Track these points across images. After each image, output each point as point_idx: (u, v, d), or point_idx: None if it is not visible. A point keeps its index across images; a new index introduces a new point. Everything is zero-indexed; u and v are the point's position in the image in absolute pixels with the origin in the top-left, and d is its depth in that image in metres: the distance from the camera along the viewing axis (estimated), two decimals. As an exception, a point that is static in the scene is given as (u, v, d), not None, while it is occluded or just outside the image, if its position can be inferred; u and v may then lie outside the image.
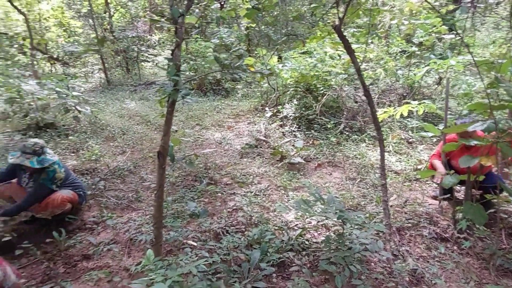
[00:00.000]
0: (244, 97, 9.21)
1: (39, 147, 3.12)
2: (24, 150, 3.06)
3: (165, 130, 2.58)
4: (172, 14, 2.40)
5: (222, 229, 3.37)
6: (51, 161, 3.16)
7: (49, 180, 3.15)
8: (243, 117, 7.66)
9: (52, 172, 3.15)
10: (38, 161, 3.07)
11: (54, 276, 2.72)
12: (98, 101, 8.45)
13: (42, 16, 11.92)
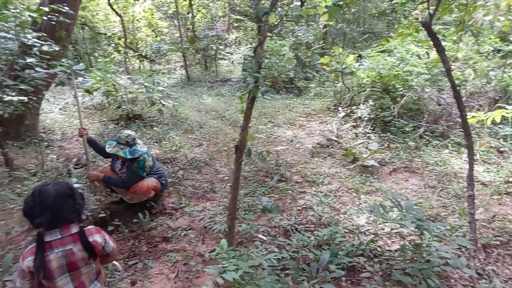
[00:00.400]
0: (316, 96, 9.09)
1: (132, 138, 3.43)
2: (119, 141, 3.40)
3: (244, 125, 2.66)
4: (257, 12, 2.47)
5: (291, 226, 3.39)
6: (141, 152, 3.46)
7: (141, 168, 3.48)
8: (315, 116, 7.57)
9: (142, 161, 3.48)
10: (130, 152, 3.39)
11: (139, 253, 3.01)
12: (179, 96, 9.04)
13: (135, 18, 13.13)
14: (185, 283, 2.67)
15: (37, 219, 1.50)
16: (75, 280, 1.57)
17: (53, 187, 1.55)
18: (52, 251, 1.50)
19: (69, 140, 5.77)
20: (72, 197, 1.58)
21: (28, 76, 3.33)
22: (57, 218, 1.53)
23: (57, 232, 1.52)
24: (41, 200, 1.50)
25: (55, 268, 1.51)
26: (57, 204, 1.52)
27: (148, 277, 2.72)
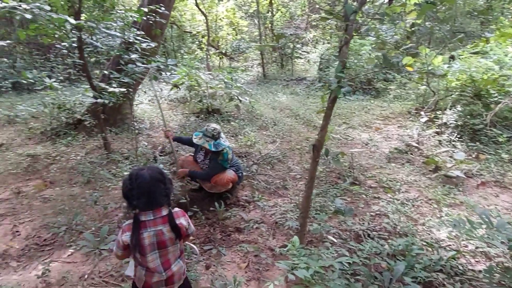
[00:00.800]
0: (396, 99, 8.60)
1: (217, 132, 3.62)
2: (205, 134, 3.62)
3: (323, 125, 2.64)
4: (345, 10, 2.42)
5: (364, 232, 3.28)
6: (224, 146, 3.64)
7: (225, 161, 3.68)
8: (393, 120, 7.17)
9: (226, 154, 3.67)
10: (215, 145, 3.59)
11: (213, 240, 3.18)
12: (255, 92, 9.28)
13: (218, 17, 13.78)
14: (255, 274, 2.76)
15: (135, 201, 1.68)
16: (162, 257, 1.73)
17: (147, 172, 1.71)
18: (145, 230, 1.68)
19: (156, 129, 6.31)
20: (163, 182, 1.73)
21: (130, 70, 3.74)
22: (151, 201, 1.69)
23: (150, 213, 1.70)
24: (138, 184, 1.67)
25: (147, 245, 1.68)
26: (152, 188, 1.68)
27: (221, 263, 2.86)
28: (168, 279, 1.76)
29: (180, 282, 1.83)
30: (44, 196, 3.91)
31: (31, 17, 3.29)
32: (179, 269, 1.80)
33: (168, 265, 1.75)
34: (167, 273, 1.75)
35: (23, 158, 4.87)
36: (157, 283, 1.74)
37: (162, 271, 1.73)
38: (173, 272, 1.77)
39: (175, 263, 1.79)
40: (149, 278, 1.73)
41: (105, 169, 4.42)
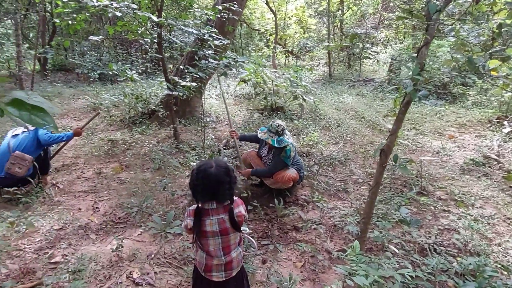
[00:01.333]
0: (475, 105, 7.89)
1: (281, 129, 3.66)
2: (270, 129, 3.68)
3: (393, 130, 2.54)
4: (428, 9, 2.29)
5: (430, 246, 3.08)
6: (288, 143, 3.67)
7: (287, 157, 3.72)
8: (470, 128, 6.60)
9: (288, 151, 3.70)
10: (278, 141, 3.64)
11: (271, 236, 3.23)
12: (320, 92, 9.15)
13: (287, 15, 13.80)
14: (311, 274, 2.75)
15: (199, 195, 1.78)
16: (224, 243, 1.81)
17: (214, 169, 1.76)
18: (208, 217, 1.77)
19: (221, 123, 6.55)
20: (228, 181, 1.79)
21: (204, 65, 3.94)
22: (215, 197, 1.78)
23: (214, 202, 1.78)
24: (203, 181, 1.75)
25: (209, 231, 1.77)
26: (216, 187, 1.76)
27: (277, 259, 2.90)
28: (227, 263, 1.84)
29: (238, 268, 1.90)
30: (120, 178, 4.30)
31: (120, 15, 3.62)
32: (237, 255, 1.87)
33: (229, 250, 1.83)
34: (227, 258, 1.82)
35: (105, 143, 5.39)
36: (217, 266, 1.83)
37: (221, 255, 1.81)
38: (232, 258, 1.84)
39: (234, 250, 1.86)
40: (210, 261, 1.82)
41: (173, 158, 4.71)
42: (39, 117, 0.85)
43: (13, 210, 3.32)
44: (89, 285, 2.48)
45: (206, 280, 1.86)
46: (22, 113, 0.84)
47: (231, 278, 1.87)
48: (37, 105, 0.86)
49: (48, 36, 12.04)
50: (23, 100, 0.86)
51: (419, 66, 2.35)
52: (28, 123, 0.84)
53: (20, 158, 3.63)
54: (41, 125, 0.85)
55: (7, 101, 0.87)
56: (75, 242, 3.02)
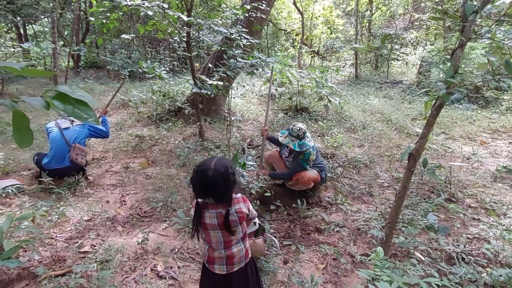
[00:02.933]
0: (509, 111, 7.56)
1: (302, 132, 3.64)
2: (291, 133, 3.66)
3: (423, 133, 2.47)
4: (465, 10, 2.22)
5: (458, 254, 2.98)
6: (309, 147, 3.66)
7: (305, 161, 3.70)
8: (504, 134, 6.32)
9: (307, 154, 3.68)
10: (299, 145, 3.62)
11: (293, 236, 3.22)
12: (345, 93, 9.02)
13: (314, 15, 13.68)
14: (333, 277, 2.72)
15: (196, 193, 1.79)
16: (224, 236, 1.83)
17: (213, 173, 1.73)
18: (207, 210, 1.80)
19: (246, 122, 6.59)
20: (225, 185, 1.76)
21: (232, 64, 3.97)
22: (211, 194, 1.78)
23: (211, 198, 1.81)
24: (201, 178, 1.75)
25: (208, 224, 1.80)
26: (212, 186, 1.75)
27: (299, 260, 2.89)
28: (227, 258, 1.85)
29: (241, 265, 1.90)
30: (146, 173, 4.41)
31: (152, 14, 3.71)
32: (239, 251, 1.87)
33: (229, 245, 1.84)
34: (227, 252, 1.84)
35: (132, 138, 5.55)
36: (219, 259, 1.85)
37: (221, 248, 1.83)
38: (233, 252, 1.85)
39: (236, 245, 1.87)
40: (211, 254, 1.86)
41: (198, 155, 4.79)
42: (81, 110, 0.90)
43: (46, 200, 3.48)
44: (116, 275, 2.57)
45: (210, 272, 1.90)
46: (67, 107, 0.88)
47: (234, 273, 1.88)
48: (80, 99, 0.90)
49: (82, 34, 12.51)
50: (68, 94, 0.90)
51: (453, 68, 2.28)
52: (72, 116, 0.89)
53: (80, 149, 3.99)
54: (83, 119, 0.89)
55: (52, 95, 0.91)
56: (103, 233, 3.13)
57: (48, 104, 0.88)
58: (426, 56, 10.31)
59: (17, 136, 0.90)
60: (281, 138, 3.74)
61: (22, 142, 0.91)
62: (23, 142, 0.91)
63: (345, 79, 11.86)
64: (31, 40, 12.55)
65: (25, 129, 0.90)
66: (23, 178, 4.11)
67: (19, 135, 0.90)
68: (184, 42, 4.59)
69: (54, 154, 3.88)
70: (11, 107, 0.86)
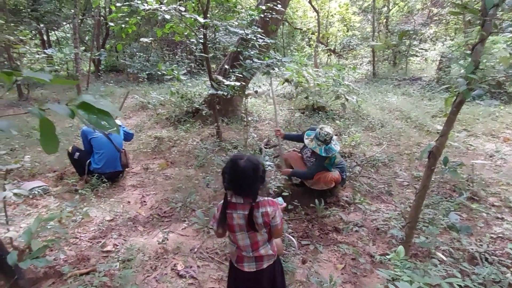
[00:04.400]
0: (533, 106, 7.31)
1: (330, 137, 3.56)
2: (318, 137, 3.59)
3: (444, 131, 2.42)
4: (485, 4, 2.16)
5: (481, 254, 2.90)
6: (334, 152, 3.60)
7: (331, 165, 3.68)
8: (528, 131, 6.11)
9: (333, 158, 3.66)
10: (326, 150, 3.57)
11: (311, 236, 3.22)
12: (363, 91, 8.91)
13: (329, 13, 13.56)
14: (352, 277, 2.71)
15: (226, 183, 1.82)
16: (251, 238, 1.84)
17: (244, 163, 1.78)
18: (234, 211, 1.80)
19: (263, 122, 6.61)
20: (253, 177, 1.78)
21: (248, 65, 4.00)
22: (240, 189, 1.80)
23: (241, 197, 1.82)
24: (232, 170, 1.78)
25: (235, 225, 1.81)
26: (242, 179, 1.78)
27: (317, 260, 2.89)
28: (256, 257, 1.87)
29: (269, 262, 1.91)
30: (165, 174, 4.49)
31: (169, 17, 3.78)
32: (266, 251, 1.88)
33: (257, 247, 1.86)
34: (255, 253, 1.85)
35: (152, 140, 5.66)
36: (248, 258, 1.88)
37: (250, 251, 1.85)
38: (261, 254, 1.87)
39: (263, 246, 1.88)
40: (240, 254, 1.88)
41: (216, 155, 4.84)
42: (104, 120, 0.93)
43: (70, 201, 3.60)
44: (137, 274, 2.63)
45: (239, 271, 1.91)
46: (90, 116, 0.92)
47: (263, 270, 1.90)
48: (103, 109, 0.94)
49: (102, 38, 12.83)
50: (91, 103, 0.94)
51: (473, 64, 2.23)
52: (95, 125, 0.92)
53: (125, 154, 4.33)
54: (105, 128, 0.93)
55: (76, 103, 0.96)
56: (125, 233, 3.21)
57: (73, 112, 0.93)
58: (446, 52, 10.06)
59: (44, 143, 0.95)
60: (307, 141, 3.70)
61: (48, 148, 0.95)
62: (50, 148, 0.95)
63: (362, 77, 11.70)
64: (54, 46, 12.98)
65: (52, 136, 0.95)
66: (48, 179, 4.26)
67: (46, 141, 0.95)
68: (200, 44, 4.65)
69: (107, 159, 4.07)
70: (39, 115, 0.91)
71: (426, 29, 13.38)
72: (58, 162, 4.71)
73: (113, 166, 4.15)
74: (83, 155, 4.11)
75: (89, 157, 4.09)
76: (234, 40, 6.59)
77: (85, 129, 4.16)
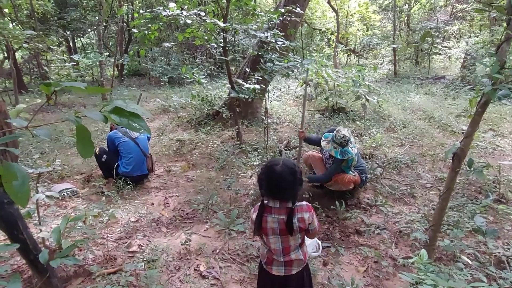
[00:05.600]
0: None
1: (346, 140, 3.54)
2: (334, 139, 3.59)
3: (469, 132, 2.38)
4: (510, 2, 2.11)
5: (508, 258, 2.82)
6: (351, 155, 3.58)
7: (348, 167, 3.66)
8: (562, 130, 5.86)
9: (351, 161, 3.63)
10: (341, 152, 3.56)
11: (332, 238, 3.22)
12: (384, 92, 8.77)
13: (349, 13, 13.43)
14: (374, 280, 2.69)
15: (263, 190, 1.86)
16: (283, 242, 1.87)
17: (280, 168, 1.81)
18: (270, 214, 1.84)
19: (282, 124, 6.63)
20: (291, 181, 1.81)
21: (269, 68, 4.04)
22: (279, 194, 1.83)
23: (277, 202, 1.84)
24: (269, 177, 1.82)
25: (269, 228, 1.84)
26: (280, 185, 1.80)
27: (338, 262, 2.88)
28: (285, 262, 1.89)
29: (299, 268, 1.92)
30: (187, 176, 4.58)
31: (190, 22, 3.86)
32: (297, 257, 1.90)
33: (288, 251, 1.87)
34: (285, 258, 1.87)
35: (173, 142, 5.78)
36: (277, 262, 1.90)
37: (281, 255, 1.87)
38: (292, 258, 1.88)
39: (294, 251, 1.89)
40: (270, 256, 1.90)
41: (237, 157, 4.89)
42: (135, 122, 0.99)
43: (97, 202, 3.74)
44: (162, 274, 2.71)
45: (267, 273, 1.94)
46: (122, 119, 0.98)
47: (291, 276, 1.91)
48: (133, 112, 1.00)
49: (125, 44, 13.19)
50: (123, 108, 1.00)
51: (499, 63, 2.18)
52: (127, 127, 0.99)
53: (151, 158, 4.50)
54: (137, 130, 0.99)
55: (109, 109, 1.02)
56: (149, 234, 3.31)
57: (106, 117, 0.99)
58: (471, 49, 9.77)
59: (80, 148, 1.01)
60: (324, 143, 3.70)
61: (84, 153, 1.02)
62: (86, 153, 1.02)
63: (383, 77, 11.51)
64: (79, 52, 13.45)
65: (87, 142, 1.01)
66: (76, 182, 4.44)
67: (82, 146, 1.01)
68: (220, 47, 4.72)
69: (136, 163, 4.22)
70: (75, 122, 0.97)
71: (450, 26, 13.02)
72: (85, 165, 4.89)
73: (141, 169, 4.28)
74: (111, 157, 4.26)
75: (117, 160, 4.23)
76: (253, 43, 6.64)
77: (112, 134, 4.30)
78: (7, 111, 1.81)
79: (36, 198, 2.37)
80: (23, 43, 6.62)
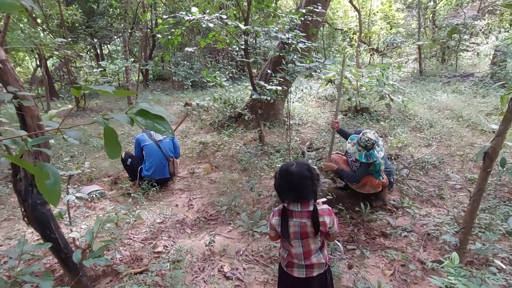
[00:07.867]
0: None
1: (371, 143, 3.44)
2: (359, 142, 3.50)
3: (500, 130, 2.28)
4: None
5: (547, 264, 2.68)
6: (376, 158, 3.48)
7: (376, 172, 3.56)
8: None
9: (378, 165, 3.53)
10: (366, 156, 3.47)
11: (357, 240, 3.16)
12: (409, 91, 8.55)
13: (371, 11, 13.20)
14: (401, 284, 2.62)
15: (284, 195, 1.85)
16: (304, 246, 1.86)
17: (296, 168, 1.82)
18: (292, 219, 1.83)
19: (304, 125, 6.58)
20: (310, 179, 1.82)
21: (291, 69, 4.03)
22: (299, 195, 1.83)
23: (298, 205, 1.83)
24: (286, 179, 1.82)
25: (291, 232, 1.83)
26: (299, 184, 1.80)
27: (364, 265, 2.82)
28: (306, 265, 1.88)
29: (320, 270, 1.90)
30: (210, 178, 4.63)
31: (213, 26, 3.91)
32: (318, 260, 1.88)
33: (309, 255, 1.86)
34: (306, 261, 1.86)
35: (197, 145, 5.87)
36: (298, 265, 1.89)
37: (302, 259, 1.86)
38: (312, 262, 1.87)
39: (315, 255, 1.88)
40: (291, 260, 1.90)
41: (259, 159, 4.90)
42: (160, 124, 1.02)
43: (124, 204, 3.84)
44: (186, 275, 2.75)
45: (288, 275, 1.93)
46: (147, 122, 1.01)
47: (313, 278, 1.90)
48: (158, 114, 1.02)
49: (149, 49, 13.52)
50: (148, 110, 1.03)
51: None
52: (152, 129, 1.01)
53: (175, 163, 4.57)
54: (161, 132, 1.01)
55: (135, 111, 1.05)
56: (174, 235, 3.36)
57: (132, 120, 1.02)
58: (501, 45, 9.36)
59: (108, 149, 1.05)
60: (349, 145, 3.63)
61: (112, 154, 1.05)
62: (113, 154, 1.05)
63: (408, 76, 11.22)
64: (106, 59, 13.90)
65: (115, 143, 1.04)
66: (104, 184, 4.58)
67: (110, 147, 1.05)
68: (242, 50, 4.75)
69: (156, 166, 4.31)
70: (104, 124, 1.01)
71: (478, 21, 12.54)
72: (112, 167, 5.04)
73: (162, 173, 4.36)
74: (135, 161, 4.37)
75: (141, 164, 4.34)
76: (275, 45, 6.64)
77: (139, 137, 4.43)
78: (40, 116, 1.89)
79: (66, 199, 2.46)
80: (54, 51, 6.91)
